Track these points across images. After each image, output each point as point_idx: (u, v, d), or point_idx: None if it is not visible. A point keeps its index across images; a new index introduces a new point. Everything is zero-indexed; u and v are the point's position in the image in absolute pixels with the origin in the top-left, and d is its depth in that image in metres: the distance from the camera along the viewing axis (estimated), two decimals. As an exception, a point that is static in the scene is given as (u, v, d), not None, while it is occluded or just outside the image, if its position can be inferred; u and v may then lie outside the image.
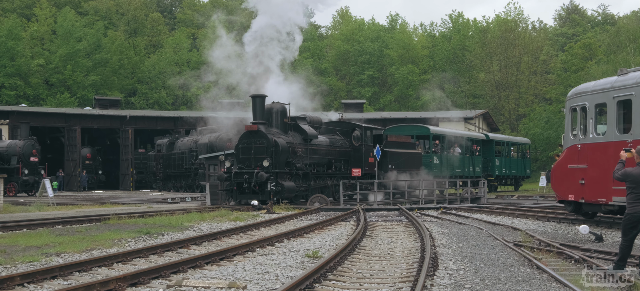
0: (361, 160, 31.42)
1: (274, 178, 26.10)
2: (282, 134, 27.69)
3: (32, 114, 48.89)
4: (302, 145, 28.37)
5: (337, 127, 32.54)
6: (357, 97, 73.32)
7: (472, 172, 40.04)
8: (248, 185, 26.29)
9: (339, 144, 31.34)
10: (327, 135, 31.24)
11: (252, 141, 26.66)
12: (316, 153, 29.36)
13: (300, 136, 28.70)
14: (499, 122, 68.78)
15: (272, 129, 27.56)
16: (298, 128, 28.97)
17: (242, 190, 26.67)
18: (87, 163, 51.55)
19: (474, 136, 43.00)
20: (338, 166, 31.12)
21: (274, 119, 28.07)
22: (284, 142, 26.96)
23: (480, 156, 42.08)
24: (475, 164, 40.88)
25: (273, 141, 26.50)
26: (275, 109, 28.23)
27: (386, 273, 11.05)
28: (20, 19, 72.29)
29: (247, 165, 26.63)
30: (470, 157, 40.49)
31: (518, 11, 78.56)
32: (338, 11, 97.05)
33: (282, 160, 26.67)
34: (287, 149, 27.04)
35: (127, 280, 9.61)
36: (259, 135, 26.59)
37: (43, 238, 14.52)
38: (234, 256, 12.64)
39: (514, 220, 20.91)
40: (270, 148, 26.39)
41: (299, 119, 29.60)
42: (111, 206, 27.92)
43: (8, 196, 34.05)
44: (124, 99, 68.41)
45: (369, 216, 22.75)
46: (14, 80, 64.21)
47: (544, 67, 75.18)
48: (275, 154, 26.40)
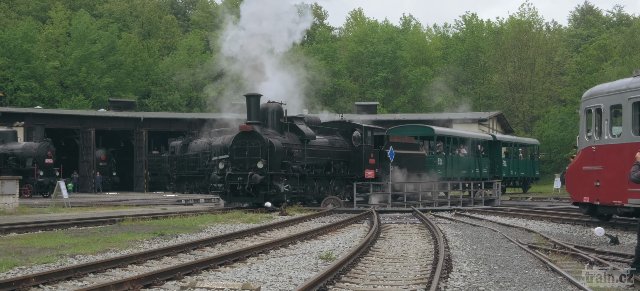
0: (361, 161, 30.47)
1: (269, 179, 25.32)
2: (278, 134, 26.85)
3: (47, 116, 49.16)
4: (299, 146, 27.48)
5: (337, 127, 31.58)
6: (371, 99, 73.24)
7: (478, 174, 39.19)
8: (242, 187, 25.53)
9: (338, 145, 30.37)
10: (326, 136, 30.28)
11: (246, 141, 25.86)
12: (314, 154, 28.43)
13: (297, 137, 27.84)
14: (513, 123, 68.49)
15: (268, 129, 26.68)
16: (295, 128, 28.09)
17: (236, 192, 25.93)
18: (101, 164, 51.77)
19: (480, 136, 42.20)
20: (337, 168, 30.09)
21: (269, 119, 27.14)
22: (280, 143, 26.17)
23: (487, 157, 41.18)
24: (481, 165, 39.96)
25: (268, 141, 25.68)
26: (271, 109, 27.29)
27: (400, 275, 11.02)
28: (36, 22, 72.79)
29: (241, 167, 25.82)
30: (476, 158, 39.57)
31: (532, 12, 78.47)
32: (351, 13, 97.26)
33: (277, 161, 25.91)
34: (282, 150, 26.21)
35: (141, 281, 9.64)
36: (254, 136, 25.76)
37: (58, 240, 14.59)
38: (247, 257, 12.65)
39: (529, 222, 20.81)
40: (265, 149, 25.56)
41: (296, 119, 28.75)
42: (125, 208, 28.02)
43: (23, 197, 34.25)
44: (138, 101, 68.70)
45: (382, 218, 22.72)
46: (29, 82, 64.62)
47: (558, 68, 74.84)
48: (270, 155, 25.60)
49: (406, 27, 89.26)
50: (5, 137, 38.70)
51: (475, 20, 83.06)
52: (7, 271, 10.67)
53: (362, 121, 36.97)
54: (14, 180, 25.29)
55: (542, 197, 38.52)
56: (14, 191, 24.74)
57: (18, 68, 64.23)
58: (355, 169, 30.53)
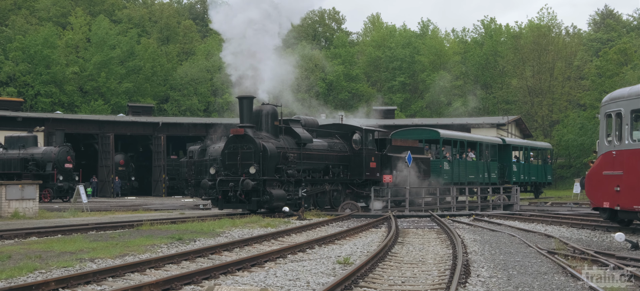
0: (362, 165, 29.34)
1: (261, 184, 24.29)
2: (272, 138, 25.71)
3: (67, 121, 49.55)
4: (295, 150, 26.40)
5: (336, 130, 30.46)
6: (389, 103, 73.14)
7: (487, 178, 37.79)
8: (234, 193, 24.40)
9: (337, 148, 29.20)
10: (325, 139, 29.17)
11: (238, 145, 24.82)
12: (311, 158, 27.34)
13: (293, 140, 26.70)
14: (532, 128, 68.09)
15: (261, 133, 25.51)
16: (290, 132, 26.91)
17: (228, 199, 24.79)
18: (120, 169, 52.07)
19: (488, 140, 40.41)
20: (336, 172, 28.88)
21: (263, 122, 25.92)
22: (274, 147, 25.09)
23: (496, 161, 39.64)
24: (490, 170, 38.48)
25: (261, 145, 24.57)
26: (265, 112, 26.08)
27: (418, 280, 10.98)
28: (56, 28, 73.40)
29: (233, 172, 24.84)
30: (485, 162, 38.13)
31: (551, 16, 77.76)
32: (369, 17, 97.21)
33: (271, 166, 24.82)
34: (276, 154, 25.12)
35: (159, 285, 9.69)
36: (246, 139, 24.68)
37: (77, 244, 14.68)
38: (265, 262, 12.66)
39: (548, 227, 20.67)
40: (258, 153, 24.46)
41: (292, 122, 27.68)
42: (144, 212, 28.14)
43: (43, 202, 34.51)
44: (157, 106, 69.06)
45: (400, 222, 22.66)
46: (50, 87, 65.15)
47: (577, 72, 74.30)
48: (263, 159, 24.52)
49: (424, 31, 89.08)
50: (26, 142, 39.02)
51: (493, 24, 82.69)
52: (27, 275, 10.77)
53: (373, 125, 35.69)
54: (34, 185, 25.50)
55: (561, 202, 38.26)
56: (34, 196, 24.94)
57: (38, 73, 64.79)
58: (355, 173, 29.51)
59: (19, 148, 38.35)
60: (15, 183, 25.67)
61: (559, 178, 67.85)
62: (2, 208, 23.84)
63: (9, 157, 37.97)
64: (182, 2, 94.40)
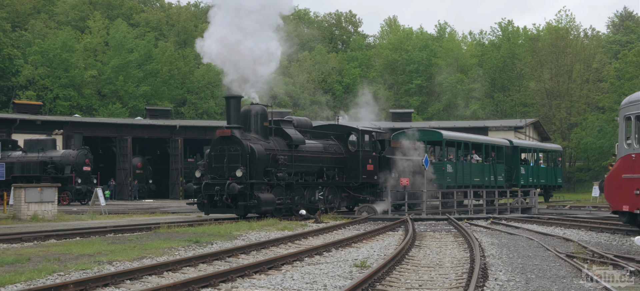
0: (358, 167, 27.96)
1: (249, 188, 23.04)
2: (262, 139, 24.38)
3: (85, 124, 49.87)
4: (286, 152, 25.00)
5: (331, 131, 29.06)
6: (405, 106, 73.06)
7: (493, 181, 36.27)
8: (220, 198, 23.16)
9: (332, 150, 27.78)
10: (320, 140, 27.85)
11: (225, 147, 23.54)
12: (303, 160, 25.99)
13: (284, 142, 25.29)
14: (550, 131, 67.71)
15: (250, 134, 24.23)
16: (281, 133, 25.50)
17: (214, 203, 23.55)
18: (137, 172, 52.33)
19: (495, 142, 38.89)
20: (331, 175, 27.43)
21: (252, 123, 24.60)
22: (262, 149, 23.78)
23: (503, 163, 37.92)
24: (497, 172, 36.92)
25: (248, 147, 23.30)
26: (254, 112, 24.75)
27: (435, 283, 10.95)
28: (75, 32, 73.96)
29: (219, 175, 23.57)
30: (491, 165, 36.58)
31: (570, 19, 77.19)
32: (386, 20, 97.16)
33: (259, 169, 23.54)
34: (265, 156, 23.81)
35: (177, 288, 9.73)
36: (233, 141, 23.42)
37: (95, 246, 14.77)
38: (282, 265, 12.67)
39: (566, 231, 20.53)
40: (245, 155, 23.19)
41: (284, 123, 26.26)
42: (161, 215, 28.27)
43: (62, 204, 34.74)
44: (174, 109, 69.37)
45: (417, 226, 22.60)
46: (68, 91, 65.63)
47: (596, 75, 73.75)
48: (251, 162, 23.21)
49: (441, 34, 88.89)
50: (45, 145, 39.30)
51: (511, 27, 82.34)
52: (46, 277, 10.84)
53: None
54: (53, 187, 25.68)
55: (580, 205, 37.99)
56: (53, 198, 25.12)
57: (57, 77, 65.31)
58: (351, 176, 28.17)
59: (38, 151, 38.64)
60: (34, 185, 25.86)
61: (577, 181, 67.44)
62: (21, 210, 24.04)
63: (28, 160, 38.27)
64: (199, 5, 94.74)
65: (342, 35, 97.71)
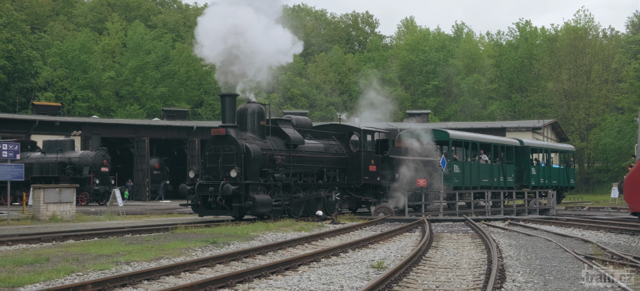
0: (360, 168, 27.19)
1: (243, 188, 22.34)
2: (258, 139, 23.62)
3: (103, 125, 50.15)
4: (284, 152, 24.25)
5: (333, 131, 28.41)
6: (422, 107, 72.87)
7: (502, 182, 35.42)
8: (214, 199, 22.45)
9: (332, 151, 27.02)
10: (320, 140, 27.13)
11: (219, 147, 22.85)
12: (302, 160, 25.22)
13: (281, 142, 24.56)
14: (568, 132, 67.26)
15: (246, 133, 23.45)
16: (279, 132, 24.76)
17: (208, 205, 22.80)
18: (155, 173, 52.52)
19: (504, 141, 37.93)
20: (331, 176, 26.61)
21: (248, 122, 23.84)
22: (258, 149, 23.05)
23: (513, 164, 36.99)
24: (506, 173, 35.97)
25: (244, 147, 22.58)
26: (250, 110, 23.98)
27: (452, 284, 10.91)
28: (93, 33, 74.47)
29: (214, 175, 22.85)
30: (500, 165, 35.68)
31: (588, 19, 76.57)
32: (403, 21, 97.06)
33: (255, 169, 22.79)
34: (261, 156, 23.12)
35: (194, 288, 9.76)
36: (228, 140, 22.70)
37: (113, 247, 14.85)
38: (299, 266, 12.67)
39: (585, 232, 20.38)
40: (240, 155, 22.47)
41: (282, 122, 25.54)
42: (178, 216, 28.36)
43: (80, 205, 34.96)
44: (191, 110, 69.65)
45: (434, 227, 22.53)
46: (86, 92, 66.08)
47: (615, 75, 73.13)
48: (246, 162, 22.49)
49: (458, 34, 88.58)
50: (63, 146, 39.56)
51: (529, 27, 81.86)
52: (65, 278, 10.92)
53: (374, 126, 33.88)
54: (72, 188, 25.87)
55: (598, 207, 37.72)
56: (72, 199, 25.30)
57: (76, 78, 65.79)
58: (353, 177, 27.41)
59: (57, 152, 38.90)
60: (53, 186, 26.05)
61: (596, 182, 66.95)
62: (40, 211, 24.23)
63: (47, 161, 38.54)
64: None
65: (359, 36, 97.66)
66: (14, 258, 12.79)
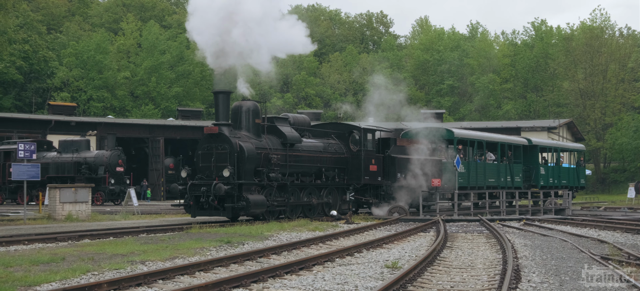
0: (360, 168, 26.41)
1: (236, 189, 21.66)
2: (253, 137, 22.88)
3: (118, 125, 50.37)
4: (280, 151, 23.49)
5: (332, 129, 27.65)
6: (437, 107, 72.66)
7: (510, 182, 34.69)
8: (206, 199, 21.75)
9: (332, 150, 26.19)
10: (320, 139, 26.37)
11: (212, 146, 22.24)
12: (299, 160, 24.43)
13: (277, 140, 23.76)
14: (584, 131, 66.86)
15: (240, 132, 22.73)
16: (275, 131, 23.95)
17: (201, 205, 22.10)
18: (170, 172, 52.68)
19: (511, 140, 37.14)
20: (330, 176, 25.77)
21: (243, 120, 23.09)
22: (252, 148, 22.31)
23: (520, 163, 36.13)
24: (513, 173, 35.16)
25: (237, 145, 21.87)
26: (245, 108, 23.27)
27: (467, 284, 10.86)
28: (108, 34, 74.85)
29: (207, 175, 22.24)
30: (507, 165, 34.90)
31: (604, 17, 76.07)
32: (417, 21, 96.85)
33: (249, 169, 22.04)
34: (256, 156, 22.37)
35: (208, 288, 9.78)
36: (221, 139, 22.05)
37: (128, 246, 14.91)
38: (313, 266, 12.67)
39: (601, 232, 20.25)
40: (233, 154, 21.79)
41: (279, 120, 24.80)
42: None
43: (95, 204, 35.13)
44: (206, 110, 69.84)
45: (448, 227, 22.46)
46: (102, 92, 66.44)
47: (632, 75, 72.61)
48: (240, 161, 21.80)
49: (473, 34, 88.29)
50: (79, 146, 39.75)
51: (544, 26, 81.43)
52: (80, 277, 10.98)
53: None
54: (87, 188, 26.00)
55: (615, 207, 37.47)
56: (87, 199, 25.42)
57: (91, 79, 66.17)
58: (353, 177, 26.61)
59: (73, 151, 39.09)
60: (69, 186, 26.18)
61: (612, 182, 66.53)
62: (56, 210, 24.37)
63: (63, 161, 38.75)
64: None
65: (373, 36, 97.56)
66: (31, 257, 12.88)
